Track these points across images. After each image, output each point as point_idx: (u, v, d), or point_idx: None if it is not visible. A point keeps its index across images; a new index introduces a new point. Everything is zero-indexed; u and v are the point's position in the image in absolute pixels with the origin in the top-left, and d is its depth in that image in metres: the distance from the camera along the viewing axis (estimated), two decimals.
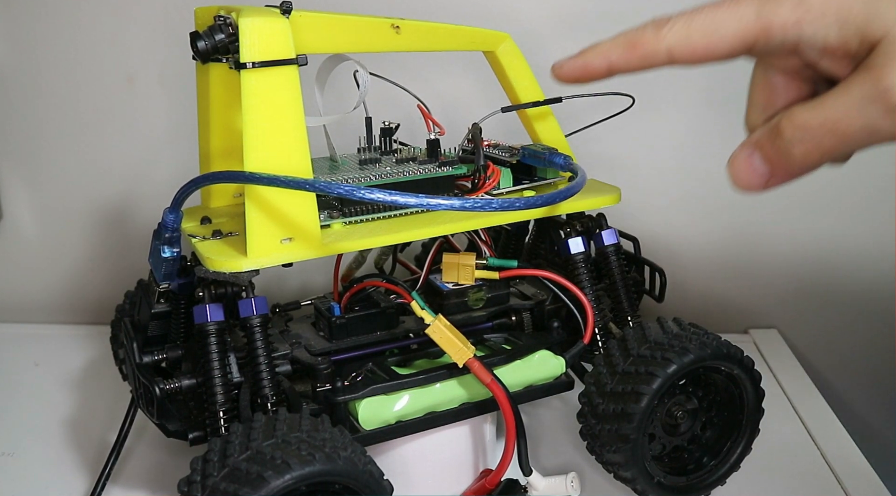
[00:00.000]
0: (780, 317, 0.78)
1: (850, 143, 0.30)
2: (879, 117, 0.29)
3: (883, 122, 0.29)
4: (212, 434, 0.43)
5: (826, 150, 0.31)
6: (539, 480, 0.47)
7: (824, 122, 0.30)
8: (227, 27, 0.40)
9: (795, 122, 0.31)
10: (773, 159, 0.33)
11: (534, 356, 0.49)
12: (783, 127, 0.31)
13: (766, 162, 0.33)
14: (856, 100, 0.29)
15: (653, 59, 0.34)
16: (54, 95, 0.73)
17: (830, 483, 0.54)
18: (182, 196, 0.41)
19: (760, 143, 0.33)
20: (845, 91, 0.30)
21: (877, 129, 0.29)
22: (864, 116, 0.29)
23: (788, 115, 0.31)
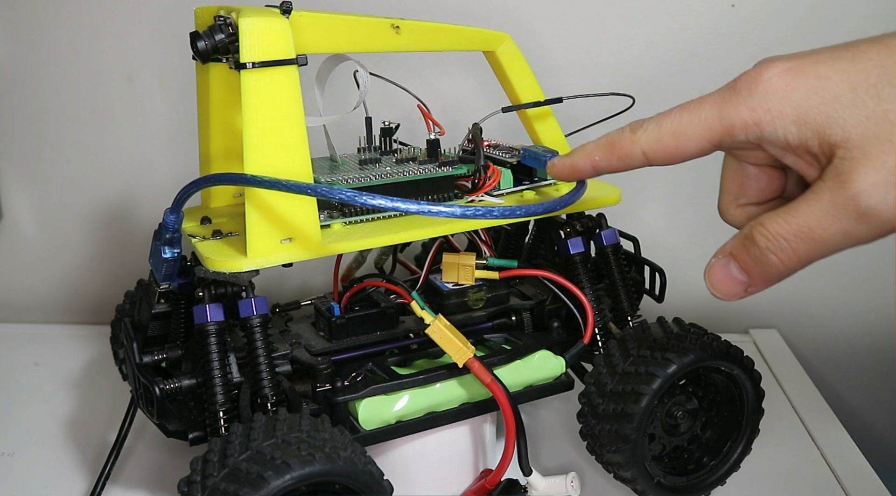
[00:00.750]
0: (780, 318, 0.78)
1: (825, 248, 0.31)
2: (852, 223, 0.30)
3: (856, 227, 0.30)
4: (212, 434, 0.43)
5: (802, 256, 0.32)
6: (539, 480, 0.47)
7: (798, 231, 0.31)
8: (227, 27, 0.40)
9: (769, 232, 0.32)
10: (750, 269, 0.33)
11: (534, 356, 0.49)
12: (757, 237, 0.33)
13: (743, 271, 0.34)
14: (827, 207, 0.30)
15: (630, 160, 0.37)
16: (54, 95, 0.73)
17: (830, 483, 0.54)
18: (183, 197, 0.41)
19: (736, 253, 0.34)
20: (815, 198, 0.31)
21: (850, 234, 0.30)
22: (837, 223, 0.30)
23: (761, 224, 0.32)
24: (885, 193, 0.29)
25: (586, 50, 0.70)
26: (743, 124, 0.32)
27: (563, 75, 0.70)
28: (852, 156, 0.30)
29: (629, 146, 0.36)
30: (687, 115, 0.34)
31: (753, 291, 0.34)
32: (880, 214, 0.29)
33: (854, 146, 0.30)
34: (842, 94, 0.30)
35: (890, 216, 0.29)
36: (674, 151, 0.35)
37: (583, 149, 0.39)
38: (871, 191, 0.29)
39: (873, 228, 0.30)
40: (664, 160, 0.36)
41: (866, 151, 0.30)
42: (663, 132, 0.35)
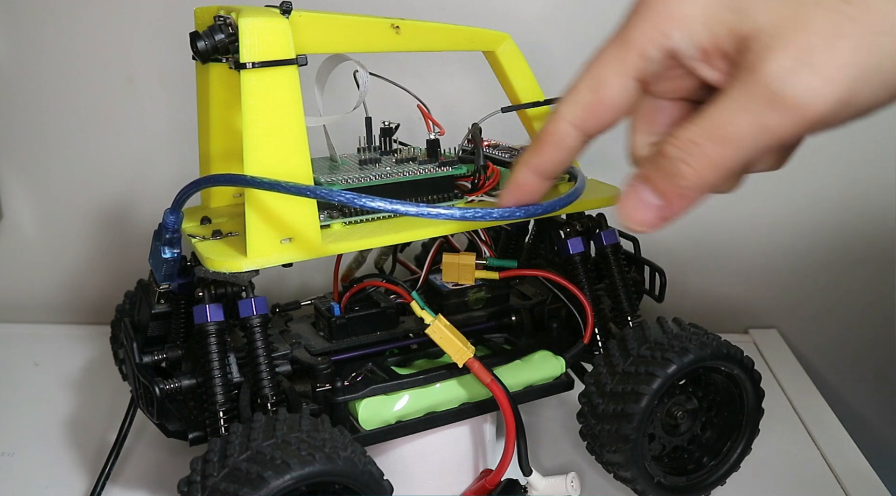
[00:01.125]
0: (780, 317, 0.78)
1: (741, 148, 0.28)
2: (765, 111, 0.27)
3: (771, 117, 0.27)
4: (212, 434, 0.43)
5: (716, 161, 0.28)
6: (539, 480, 0.47)
7: (708, 131, 0.28)
8: (227, 27, 0.40)
9: (679, 140, 0.29)
10: (663, 188, 0.30)
11: (534, 356, 0.49)
12: (667, 148, 0.29)
13: (656, 193, 0.30)
14: (738, 100, 0.28)
15: (566, 141, 0.33)
16: (54, 95, 0.73)
17: (830, 483, 0.54)
18: (183, 197, 0.41)
19: (647, 174, 0.30)
20: (725, 94, 0.28)
21: (766, 125, 0.27)
22: (749, 115, 0.27)
23: (671, 135, 0.29)
24: (799, 74, 0.26)
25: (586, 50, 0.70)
26: (652, 40, 0.30)
27: (562, 75, 0.70)
28: (764, 44, 0.27)
29: (554, 127, 0.33)
30: (596, 62, 0.32)
31: (669, 216, 0.30)
32: (795, 98, 0.26)
33: (765, 34, 0.27)
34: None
35: (806, 98, 0.26)
36: (599, 105, 0.32)
37: (519, 164, 0.36)
38: (784, 73, 0.26)
39: (790, 116, 0.27)
40: (597, 122, 0.32)
41: (778, 36, 0.27)
42: (579, 91, 0.32)
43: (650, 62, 0.30)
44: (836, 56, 0.26)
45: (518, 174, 0.36)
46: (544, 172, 0.35)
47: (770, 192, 0.73)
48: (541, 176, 0.36)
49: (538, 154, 0.35)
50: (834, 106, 0.27)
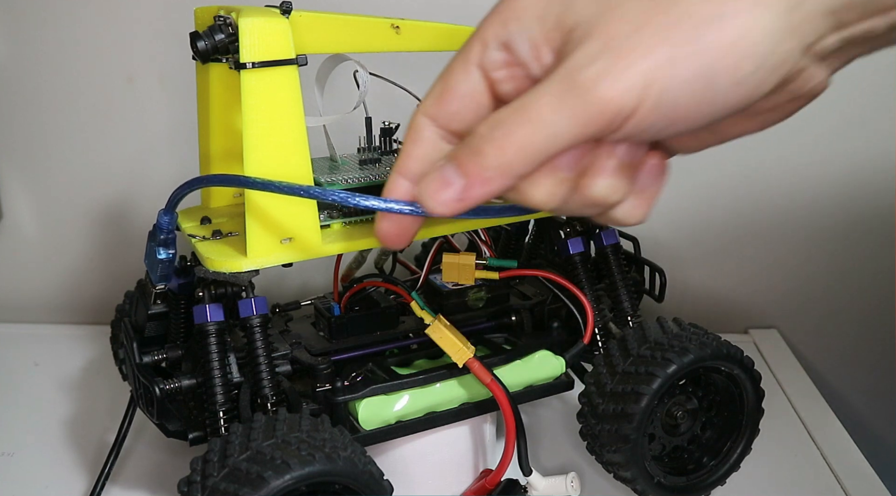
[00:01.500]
0: (780, 317, 0.78)
1: (542, 130, 0.28)
2: (566, 96, 0.27)
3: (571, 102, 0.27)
4: (212, 434, 0.43)
5: (518, 142, 0.28)
6: (539, 480, 0.47)
7: (516, 110, 0.28)
8: (227, 27, 0.40)
9: (490, 119, 0.29)
10: (466, 167, 0.29)
11: (534, 356, 0.49)
12: (478, 127, 0.29)
13: (459, 171, 0.29)
14: (546, 85, 0.28)
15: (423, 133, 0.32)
16: (54, 95, 0.73)
17: (830, 483, 0.54)
18: (177, 198, 0.41)
19: (454, 154, 0.30)
20: (540, 83, 0.28)
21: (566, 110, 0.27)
22: (553, 97, 0.27)
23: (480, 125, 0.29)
24: (600, 62, 0.26)
25: None
26: (493, 32, 0.30)
27: None
28: (579, 35, 0.28)
29: (412, 122, 0.33)
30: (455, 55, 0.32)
31: (468, 199, 0.30)
32: (595, 86, 0.26)
33: (582, 25, 0.28)
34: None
35: (603, 87, 0.26)
36: (446, 94, 0.31)
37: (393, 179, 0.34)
38: (586, 61, 0.27)
39: (589, 104, 0.27)
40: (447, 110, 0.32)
41: (591, 26, 0.27)
42: (434, 85, 0.32)
43: (490, 52, 0.30)
44: (638, 46, 0.26)
45: (389, 186, 0.34)
46: (412, 174, 0.33)
47: (770, 192, 0.73)
48: (412, 180, 0.33)
49: (403, 155, 0.33)
50: (633, 98, 0.26)
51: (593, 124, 0.27)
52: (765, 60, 0.26)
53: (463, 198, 0.30)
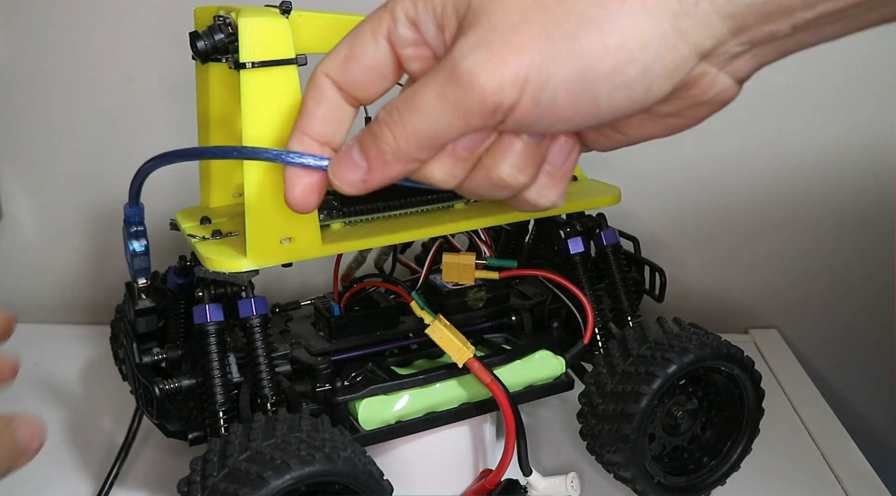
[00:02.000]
0: (780, 318, 0.78)
1: (428, 118, 0.28)
2: (448, 87, 0.27)
3: (452, 93, 0.27)
4: (211, 434, 0.43)
5: (410, 131, 0.29)
6: (539, 480, 0.47)
7: (406, 99, 0.29)
8: (227, 27, 0.40)
9: (388, 105, 0.29)
10: (368, 151, 0.30)
11: (534, 356, 0.49)
12: (380, 113, 0.30)
13: (362, 154, 0.30)
14: (432, 73, 0.28)
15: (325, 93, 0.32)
16: (54, 95, 0.73)
17: (830, 483, 0.54)
18: (137, 187, 0.41)
19: (360, 136, 0.31)
20: (431, 71, 0.28)
21: (447, 98, 0.27)
22: (436, 85, 0.27)
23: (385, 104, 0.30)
24: (479, 54, 0.26)
25: None
26: (404, 7, 0.30)
27: None
28: (467, 23, 0.27)
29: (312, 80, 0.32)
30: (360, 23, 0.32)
31: (371, 181, 0.31)
32: (472, 77, 0.26)
33: (473, 12, 0.27)
34: None
35: (480, 77, 0.26)
36: (351, 60, 0.31)
37: None
38: (467, 51, 0.27)
39: (468, 94, 0.27)
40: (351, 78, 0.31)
41: (477, 17, 0.27)
42: (339, 46, 0.32)
43: (400, 27, 0.30)
44: (516, 41, 0.26)
45: (292, 140, 0.33)
46: (318, 135, 0.33)
47: (770, 192, 0.73)
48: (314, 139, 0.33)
49: (303, 113, 0.33)
50: (511, 94, 0.26)
51: (475, 117, 0.27)
52: (651, 65, 0.26)
53: (367, 179, 0.31)
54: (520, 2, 0.27)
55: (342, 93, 0.32)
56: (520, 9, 0.26)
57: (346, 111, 0.33)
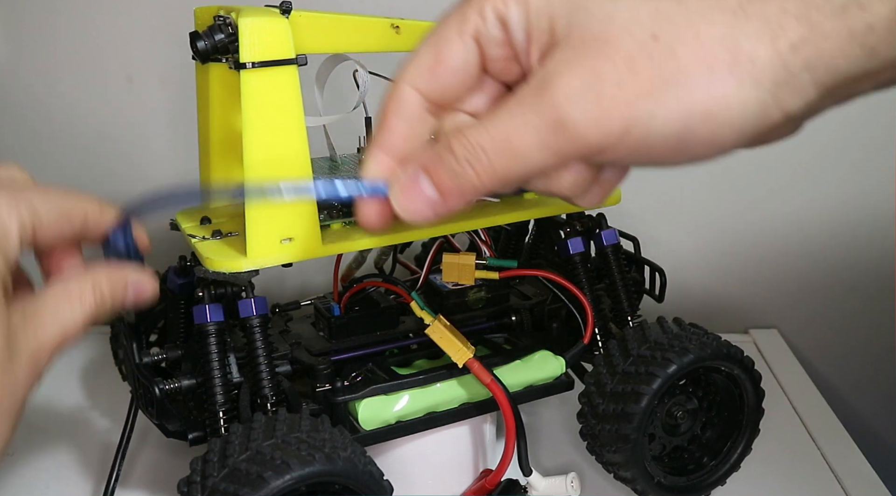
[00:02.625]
0: (780, 318, 0.78)
1: (524, 163, 0.28)
2: (549, 134, 0.27)
3: (553, 140, 0.27)
4: (211, 434, 0.43)
5: (499, 172, 0.28)
6: (539, 480, 0.47)
7: (497, 140, 0.27)
8: (227, 27, 0.40)
9: (469, 141, 0.28)
10: (443, 184, 0.29)
11: (534, 356, 0.49)
12: (455, 146, 0.28)
13: (436, 187, 0.29)
14: (527, 114, 0.27)
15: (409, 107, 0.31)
16: (54, 95, 0.73)
17: (830, 483, 0.54)
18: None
19: (429, 166, 0.29)
20: (517, 103, 0.27)
21: (549, 146, 0.27)
22: (536, 133, 0.27)
23: (461, 132, 0.28)
24: (585, 103, 0.26)
25: None
26: (494, 5, 0.28)
27: None
28: (565, 57, 0.27)
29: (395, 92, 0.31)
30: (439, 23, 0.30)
31: (443, 212, 0.30)
32: (576, 127, 0.26)
33: (570, 45, 0.27)
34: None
35: (585, 131, 0.26)
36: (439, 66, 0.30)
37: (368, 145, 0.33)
38: (572, 99, 0.26)
39: (571, 143, 0.27)
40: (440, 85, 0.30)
41: (580, 53, 0.26)
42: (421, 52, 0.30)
43: (489, 26, 0.29)
44: (623, 94, 0.26)
45: (369, 159, 0.31)
46: (397, 150, 0.31)
47: (770, 193, 0.73)
48: (395, 157, 0.31)
49: (383, 128, 0.31)
50: (611, 141, 0.27)
51: (569, 155, 0.27)
52: (745, 129, 0.26)
53: (438, 212, 0.30)
54: (626, 46, 0.26)
55: (427, 103, 0.31)
56: (627, 56, 0.26)
57: (428, 124, 0.31)
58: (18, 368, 0.30)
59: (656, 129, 0.26)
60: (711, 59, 0.25)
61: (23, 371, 0.30)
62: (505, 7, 0.28)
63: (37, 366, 0.31)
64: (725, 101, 0.26)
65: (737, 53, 0.25)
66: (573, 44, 0.27)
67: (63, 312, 0.32)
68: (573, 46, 0.27)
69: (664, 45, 0.26)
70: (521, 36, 0.29)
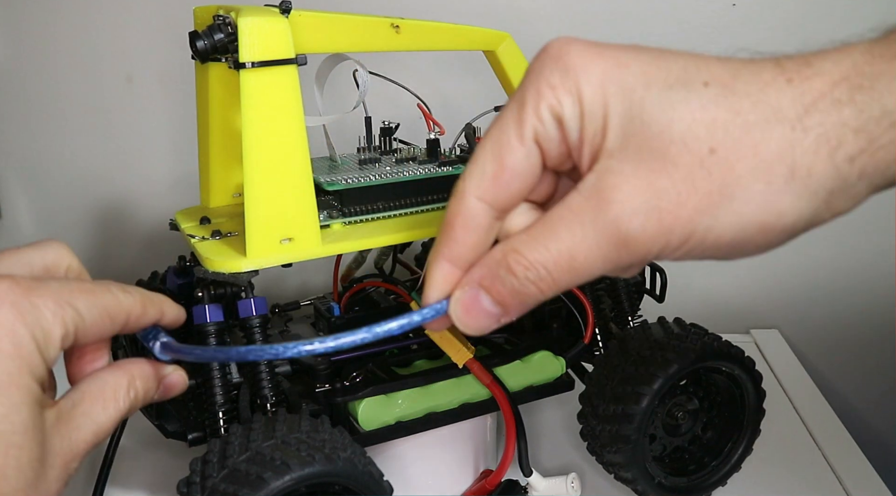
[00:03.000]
0: (781, 318, 0.78)
1: (587, 276, 0.28)
2: (613, 250, 0.27)
3: (617, 255, 0.27)
4: (211, 435, 0.43)
5: (562, 285, 0.28)
6: (539, 481, 0.47)
7: (559, 260, 0.28)
8: (227, 27, 0.40)
9: (528, 261, 0.28)
10: (505, 300, 0.29)
11: (534, 356, 0.49)
12: (514, 266, 0.28)
13: (497, 303, 0.30)
14: (589, 232, 0.27)
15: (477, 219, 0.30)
16: (54, 95, 0.73)
17: (830, 483, 0.54)
18: None
19: (487, 285, 0.29)
20: (575, 219, 0.27)
21: (611, 260, 0.27)
22: (599, 250, 0.27)
23: (516, 251, 0.28)
24: (646, 220, 0.26)
25: None
26: (549, 105, 0.28)
27: None
28: (622, 167, 0.27)
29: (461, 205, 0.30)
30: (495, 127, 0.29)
31: (506, 321, 0.31)
32: (638, 243, 0.27)
33: (627, 154, 0.26)
34: (635, 88, 0.26)
35: (647, 245, 0.27)
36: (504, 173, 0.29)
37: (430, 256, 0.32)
38: (633, 217, 0.26)
39: (634, 256, 0.27)
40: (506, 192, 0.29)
41: (637, 165, 0.26)
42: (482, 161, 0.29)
43: (548, 127, 0.28)
44: (684, 211, 0.26)
45: (435, 270, 0.31)
46: (463, 260, 0.31)
47: None
48: (461, 266, 0.31)
49: (450, 240, 0.30)
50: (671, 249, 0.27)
51: (628, 264, 0.28)
52: (794, 233, 0.27)
53: (501, 322, 0.31)
54: (685, 161, 0.26)
55: (494, 212, 0.30)
56: (686, 172, 0.26)
57: (494, 231, 0.31)
58: (52, 475, 0.29)
59: (712, 240, 0.27)
60: (769, 174, 0.26)
61: (55, 476, 0.30)
62: (560, 105, 0.28)
63: (67, 468, 0.30)
64: (780, 212, 0.26)
65: (794, 168, 0.26)
66: (630, 154, 0.27)
67: (97, 413, 0.32)
68: (629, 157, 0.27)
69: (722, 159, 0.26)
70: (574, 134, 0.28)
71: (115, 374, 0.33)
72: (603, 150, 0.27)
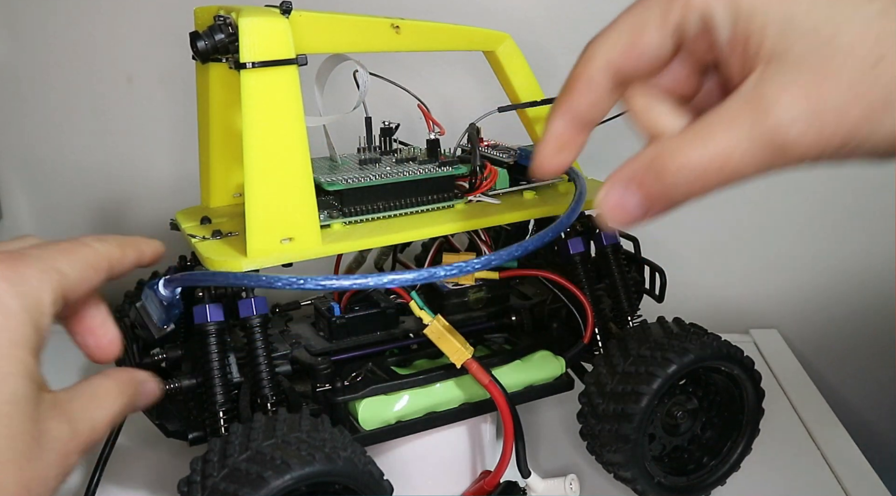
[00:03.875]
0: (780, 318, 0.78)
1: (737, 178, 0.28)
2: (769, 155, 0.27)
3: (772, 160, 0.27)
4: (211, 434, 0.43)
5: (711, 186, 0.29)
6: (538, 482, 0.47)
7: (715, 160, 0.28)
8: (227, 27, 0.40)
9: (679, 163, 0.28)
10: (654, 197, 0.29)
11: (534, 356, 0.49)
12: (667, 164, 0.29)
13: (644, 202, 0.30)
14: (745, 136, 0.27)
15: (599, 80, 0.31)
16: (54, 95, 0.73)
17: (830, 483, 0.54)
18: None
19: (640, 181, 0.29)
20: (734, 122, 0.27)
21: (765, 164, 0.27)
22: (755, 155, 0.27)
23: (670, 153, 0.28)
24: (808, 128, 0.26)
25: None
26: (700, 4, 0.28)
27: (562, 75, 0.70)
28: (783, 75, 0.27)
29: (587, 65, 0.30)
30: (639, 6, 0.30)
31: (649, 218, 0.30)
32: (796, 150, 0.27)
33: (788, 62, 0.26)
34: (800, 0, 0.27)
35: (804, 152, 0.27)
36: (634, 51, 0.29)
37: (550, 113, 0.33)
38: (794, 123, 0.26)
39: (788, 161, 0.27)
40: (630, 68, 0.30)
41: (799, 72, 0.26)
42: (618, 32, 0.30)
43: (692, 19, 0.28)
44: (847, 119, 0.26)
45: (552, 124, 0.32)
46: (580, 118, 0.32)
47: (771, 193, 0.73)
48: (576, 123, 0.32)
49: (570, 97, 0.31)
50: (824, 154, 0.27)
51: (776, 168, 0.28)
52: None
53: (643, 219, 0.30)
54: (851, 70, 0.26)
55: (614, 82, 0.31)
56: (851, 81, 0.26)
57: (612, 98, 0.31)
58: (48, 459, 0.29)
59: (869, 147, 0.27)
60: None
61: (52, 460, 0.29)
62: (711, 6, 0.28)
63: (66, 460, 0.30)
64: None
65: None
66: (792, 62, 0.27)
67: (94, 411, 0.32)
68: (793, 65, 0.27)
69: (889, 68, 0.26)
70: (724, 37, 0.28)
71: (105, 380, 0.34)
72: (760, 56, 0.27)
